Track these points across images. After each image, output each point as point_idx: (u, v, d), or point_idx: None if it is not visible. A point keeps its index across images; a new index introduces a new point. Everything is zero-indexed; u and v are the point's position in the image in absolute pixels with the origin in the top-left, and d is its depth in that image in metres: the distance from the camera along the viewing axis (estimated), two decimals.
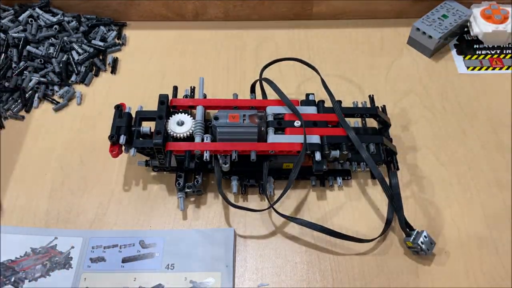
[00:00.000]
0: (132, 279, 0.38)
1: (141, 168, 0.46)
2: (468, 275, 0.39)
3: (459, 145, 0.48)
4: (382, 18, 0.61)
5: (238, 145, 0.41)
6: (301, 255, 0.41)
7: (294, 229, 0.42)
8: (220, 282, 0.38)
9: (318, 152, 0.41)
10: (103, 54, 0.56)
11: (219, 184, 0.41)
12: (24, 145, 0.47)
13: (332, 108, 0.44)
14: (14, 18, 0.56)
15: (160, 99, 0.43)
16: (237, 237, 0.42)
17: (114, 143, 0.41)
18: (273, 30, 0.59)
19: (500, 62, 0.56)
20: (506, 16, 0.56)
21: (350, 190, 0.45)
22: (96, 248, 0.40)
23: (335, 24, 0.60)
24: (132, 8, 0.59)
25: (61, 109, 0.51)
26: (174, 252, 0.40)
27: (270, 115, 0.43)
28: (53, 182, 0.45)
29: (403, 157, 0.47)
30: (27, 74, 0.52)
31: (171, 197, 0.44)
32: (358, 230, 0.42)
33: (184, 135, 0.41)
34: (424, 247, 0.39)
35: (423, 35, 0.55)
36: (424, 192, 0.44)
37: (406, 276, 0.39)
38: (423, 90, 0.53)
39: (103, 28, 0.58)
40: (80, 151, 0.47)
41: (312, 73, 0.54)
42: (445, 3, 0.58)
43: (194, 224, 0.42)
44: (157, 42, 0.58)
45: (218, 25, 0.60)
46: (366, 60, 0.56)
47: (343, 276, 0.39)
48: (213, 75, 0.54)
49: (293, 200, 0.44)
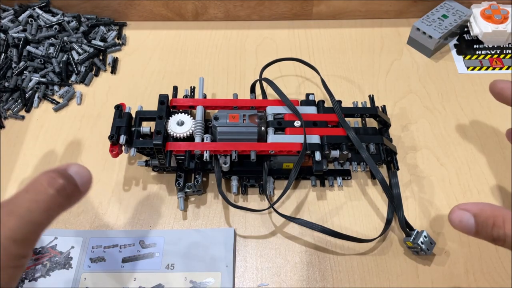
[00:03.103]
0: (132, 279, 0.38)
1: (141, 168, 0.46)
2: (468, 275, 0.39)
3: (459, 145, 0.48)
4: (382, 18, 0.61)
5: (238, 145, 0.41)
6: (301, 255, 0.41)
7: (294, 229, 0.42)
8: (220, 282, 0.38)
9: (318, 152, 0.41)
10: (103, 54, 0.56)
11: (219, 184, 0.41)
12: (24, 145, 0.47)
13: (332, 108, 0.44)
14: (14, 18, 0.56)
15: (160, 99, 0.43)
16: (237, 237, 0.42)
17: (114, 143, 0.41)
18: (273, 30, 0.59)
19: (500, 62, 0.56)
20: (506, 16, 0.56)
21: (350, 190, 0.45)
22: (96, 248, 0.40)
23: (335, 24, 0.60)
24: (132, 8, 0.59)
25: (61, 109, 0.51)
26: (174, 252, 0.40)
27: (270, 115, 0.43)
28: None
29: (403, 157, 0.47)
30: (27, 74, 0.52)
31: (171, 197, 0.44)
32: (358, 230, 0.42)
33: (184, 135, 0.41)
34: (424, 247, 0.39)
35: (423, 35, 0.55)
36: (424, 192, 0.44)
37: (406, 276, 0.39)
38: (423, 90, 0.53)
39: (103, 28, 0.58)
40: (80, 151, 0.47)
41: (312, 73, 0.54)
42: (445, 3, 0.58)
43: (194, 224, 0.42)
44: (157, 42, 0.58)
45: (218, 25, 0.60)
46: (366, 60, 0.56)
47: (343, 276, 0.39)
48: (213, 75, 0.54)
49: (293, 200, 0.44)
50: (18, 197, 0.25)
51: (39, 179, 0.25)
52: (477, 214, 0.28)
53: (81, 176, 0.27)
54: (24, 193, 0.25)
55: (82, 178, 0.27)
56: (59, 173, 0.26)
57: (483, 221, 0.28)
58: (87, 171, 0.28)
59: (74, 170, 0.27)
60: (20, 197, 0.25)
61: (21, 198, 0.25)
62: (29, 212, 0.24)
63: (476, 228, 0.28)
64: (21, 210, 0.24)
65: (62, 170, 0.26)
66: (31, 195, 0.25)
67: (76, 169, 0.27)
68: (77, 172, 0.27)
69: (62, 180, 0.26)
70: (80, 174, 0.27)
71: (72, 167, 0.27)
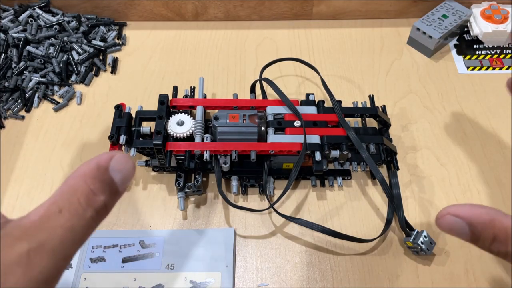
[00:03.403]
0: (132, 279, 0.38)
1: (141, 168, 0.46)
2: (468, 275, 0.39)
3: (459, 145, 0.48)
4: (382, 18, 0.61)
5: (238, 145, 0.41)
6: (301, 255, 0.41)
7: (294, 229, 0.42)
8: (220, 282, 0.38)
9: (318, 152, 0.41)
10: (103, 54, 0.56)
11: (219, 184, 0.41)
12: (24, 145, 0.48)
13: (332, 108, 0.44)
14: (14, 18, 0.56)
15: (160, 99, 0.43)
16: (237, 237, 0.42)
17: (114, 143, 0.41)
18: (273, 30, 0.59)
19: (500, 62, 0.56)
20: (506, 16, 0.56)
21: (350, 190, 0.45)
22: (96, 248, 0.40)
23: (335, 24, 0.60)
24: (132, 8, 0.59)
25: (61, 109, 0.51)
26: (174, 252, 0.40)
27: (270, 115, 0.43)
28: (53, 182, 0.45)
29: (403, 157, 0.47)
30: (27, 74, 0.52)
31: (171, 197, 0.44)
32: (358, 230, 0.42)
33: (184, 135, 0.41)
34: (424, 247, 0.39)
35: (423, 35, 0.55)
36: (424, 192, 0.44)
37: (406, 276, 0.39)
38: (423, 90, 0.53)
39: (103, 28, 0.58)
40: (80, 151, 0.47)
41: (312, 73, 0.54)
42: (445, 3, 0.58)
43: (194, 224, 0.42)
44: (157, 42, 0.58)
45: (218, 25, 0.60)
46: (366, 60, 0.56)
47: (343, 276, 0.39)
48: (213, 75, 0.54)
49: (293, 200, 0.44)
50: (49, 219, 0.19)
51: (75, 191, 0.20)
52: (472, 223, 0.23)
53: (124, 175, 0.21)
54: (56, 214, 0.19)
55: (124, 176, 0.21)
56: (101, 181, 0.21)
57: (479, 231, 0.23)
58: (130, 165, 0.22)
59: (116, 167, 0.21)
60: (51, 220, 0.19)
61: (53, 222, 0.19)
62: (63, 246, 0.19)
63: (471, 237, 0.24)
64: (54, 243, 0.18)
65: (104, 171, 0.21)
66: (65, 218, 0.19)
67: (118, 166, 0.21)
68: (120, 170, 0.21)
69: (103, 197, 0.20)
70: (123, 172, 0.21)
71: (116, 162, 0.21)
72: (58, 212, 0.19)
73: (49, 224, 0.19)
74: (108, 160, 0.21)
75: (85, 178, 0.20)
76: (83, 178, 0.20)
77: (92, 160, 0.21)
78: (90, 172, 0.21)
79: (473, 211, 0.24)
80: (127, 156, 0.22)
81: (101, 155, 0.21)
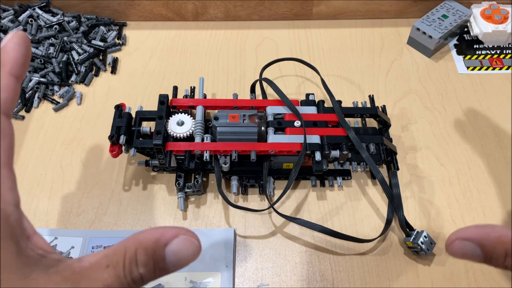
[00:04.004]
0: None
1: (141, 168, 0.46)
2: (468, 275, 0.39)
3: (459, 145, 0.48)
4: (382, 18, 0.61)
5: (238, 145, 0.41)
6: (301, 255, 0.41)
7: (294, 229, 0.42)
8: (220, 282, 0.38)
9: (318, 152, 0.41)
10: (103, 54, 0.56)
11: (219, 184, 0.41)
12: (24, 145, 0.48)
13: (332, 108, 0.44)
14: (14, 18, 0.56)
15: (160, 99, 0.43)
16: (237, 237, 0.42)
17: (114, 143, 0.41)
18: (273, 30, 0.59)
19: (500, 62, 0.56)
20: (506, 16, 0.56)
21: (350, 190, 0.45)
22: (96, 248, 0.40)
23: (335, 24, 0.60)
24: (132, 8, 0.59)
25: (61, 109, 0.51)
26: None
27: (270, 115, 0.43)
28: (53, 182, 0.45)
29: (403, 157, 0.47)
30: (27, 74, 0.52)
31: (171, 197, 0.44)
32: (358, 230, 0.42)
33: (184, 135, 0.41)
34: (424, 247, 0.39)
35: (423, 35, 0.55)
36: (424, 192, 0.44)
37: (406, 276, 0.39)
38: (423, 90, 0.53)
39: (103, 28, 0.58)
40: (80, 151, 0.47)
41: (312, 73, 0.54)
42: (445, 3, 0.58)
43: (194, 224, 0.42)
44: (157, 42, 0.58)
45: (218, 25, 0.60)
46: (366, 60, 0.56)
47: (343, 276, 0.39)
48: (213, 75, 0.54)
49: (293, 200, 0.44)
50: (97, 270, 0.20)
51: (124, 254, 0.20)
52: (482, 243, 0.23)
53: (179, 258, 0.21)
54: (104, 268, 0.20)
55: (178, 259, 0.21)
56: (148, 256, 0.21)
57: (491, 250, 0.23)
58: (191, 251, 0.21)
59: (174, 249, 0.21)
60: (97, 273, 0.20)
61: (98, 274, 0.20)
62: None
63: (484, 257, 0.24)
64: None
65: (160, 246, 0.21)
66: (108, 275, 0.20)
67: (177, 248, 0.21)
68: (177, 253, 0.21)
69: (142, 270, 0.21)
70: (179, 255, 0.21)
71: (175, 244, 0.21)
72: (105, 266, 0.20)
73: (94, 275, 0.20)
74: (171, 237, 0.21)
75: (138, 245, 0.21)
76: (136, 245, 0.21)
77: (158, 231, 0.21)
78: (146, 242, 0.21)
79: (480, 232, 0.24)
80: (192, 240, 0.21)
81: (168, 229, 0.21)
